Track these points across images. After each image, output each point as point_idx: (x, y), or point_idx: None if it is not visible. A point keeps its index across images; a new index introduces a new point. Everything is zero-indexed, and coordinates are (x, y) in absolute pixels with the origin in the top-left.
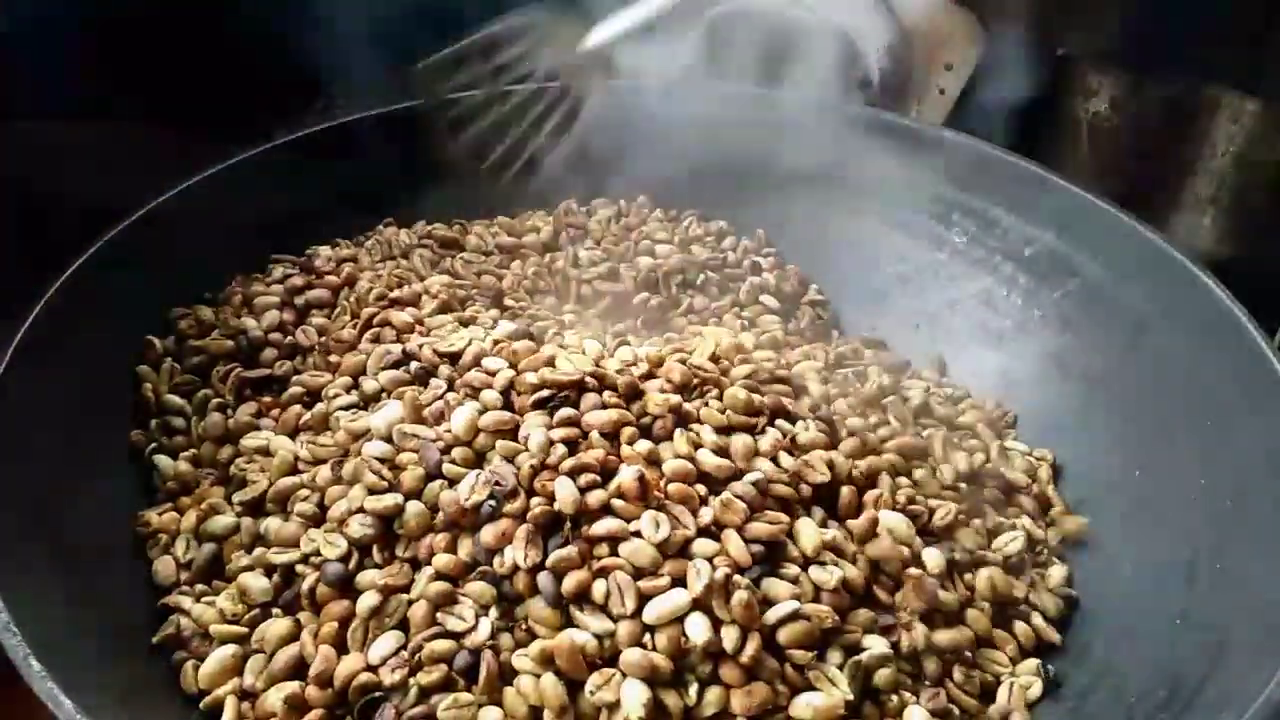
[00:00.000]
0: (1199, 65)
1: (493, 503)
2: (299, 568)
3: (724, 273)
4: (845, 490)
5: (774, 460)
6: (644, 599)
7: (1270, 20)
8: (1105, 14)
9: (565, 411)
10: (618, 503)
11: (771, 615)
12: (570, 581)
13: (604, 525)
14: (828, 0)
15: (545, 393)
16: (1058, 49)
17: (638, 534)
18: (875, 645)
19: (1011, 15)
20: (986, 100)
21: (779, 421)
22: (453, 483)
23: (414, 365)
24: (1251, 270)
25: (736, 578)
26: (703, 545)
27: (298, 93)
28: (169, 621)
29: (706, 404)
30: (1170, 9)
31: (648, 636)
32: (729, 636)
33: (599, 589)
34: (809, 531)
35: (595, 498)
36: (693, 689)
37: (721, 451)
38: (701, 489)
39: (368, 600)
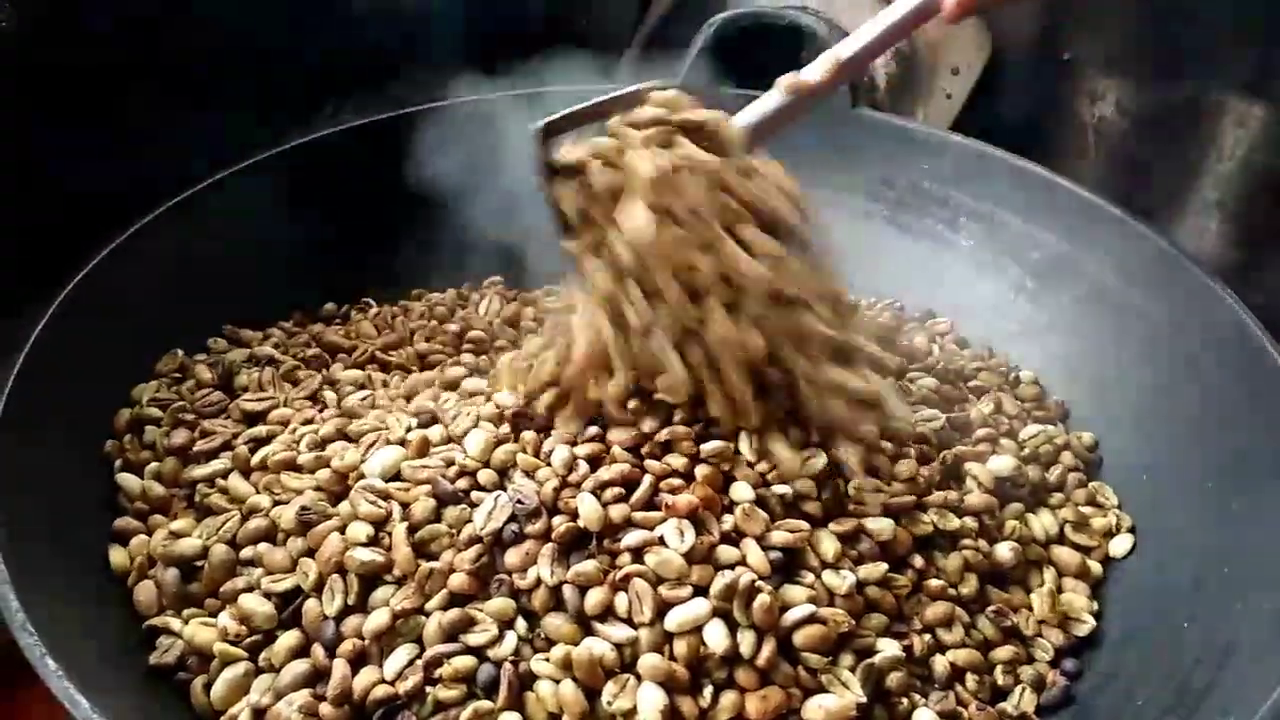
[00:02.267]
0: (1205, 69)
1: (515, 526)
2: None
3: None
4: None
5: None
6: (664, 607)
7: (1276, 24)
8: (1111, 18)
9: (593, 429)
10: (639, 514)
11: (788, 618)
12: (593, 599)
13: (631, 538)
14: (833, 3)
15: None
16: (1064, 53)
17: (663, 542)
18: (887, 648)
19: (1017, 19)
20: (993, 104)
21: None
22: (470, 506)
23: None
24: (1258, 274)
25: (760, 582)
26: (724, 552)
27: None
28: (162, 645)
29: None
30: (1176, 13)
31: (666, 644)
32: (745, 641)
33: (621, 602)
34: (829, 542)
35: (619, 511)
36: (707, 691)
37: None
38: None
39: (378, 620)
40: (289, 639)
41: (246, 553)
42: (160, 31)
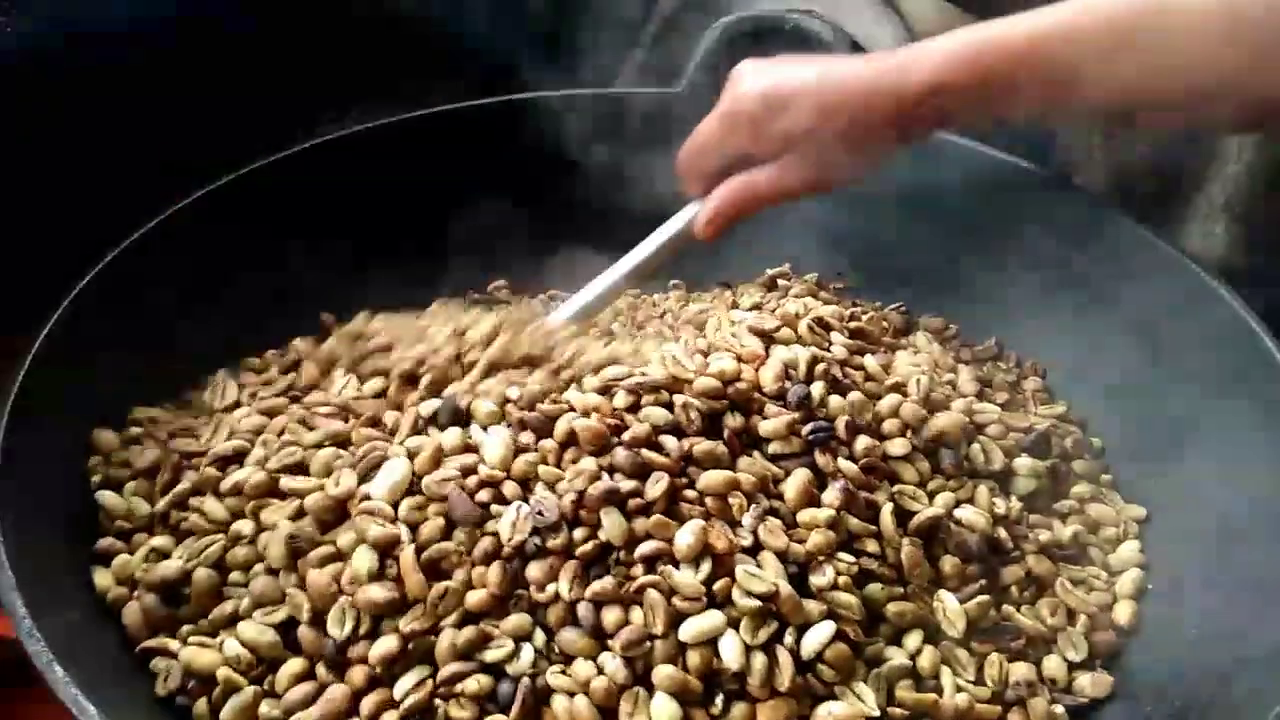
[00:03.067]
0: None
1: (537, 540)
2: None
3: None
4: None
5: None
6: (678, 618)
7: None
8: None
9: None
10: (651, 520)
11: (808, 641)
12: (610, 616)
13: (646, 547)
14: (838, 7)
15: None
16: None
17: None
18: (896, 657)
19: None
20: None
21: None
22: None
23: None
24: (1265, 278)
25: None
26: (741, 561)
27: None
28: (160, 670)
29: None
30: None
31: (680, 655)
32: (756, 663)
33: (636, 615)
34: (847, 556)
35: (642, 524)
36: (719, 700)
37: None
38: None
39: (386, 645)
40: (293, 666)
41: (234, 575)
42: (163, 36)
